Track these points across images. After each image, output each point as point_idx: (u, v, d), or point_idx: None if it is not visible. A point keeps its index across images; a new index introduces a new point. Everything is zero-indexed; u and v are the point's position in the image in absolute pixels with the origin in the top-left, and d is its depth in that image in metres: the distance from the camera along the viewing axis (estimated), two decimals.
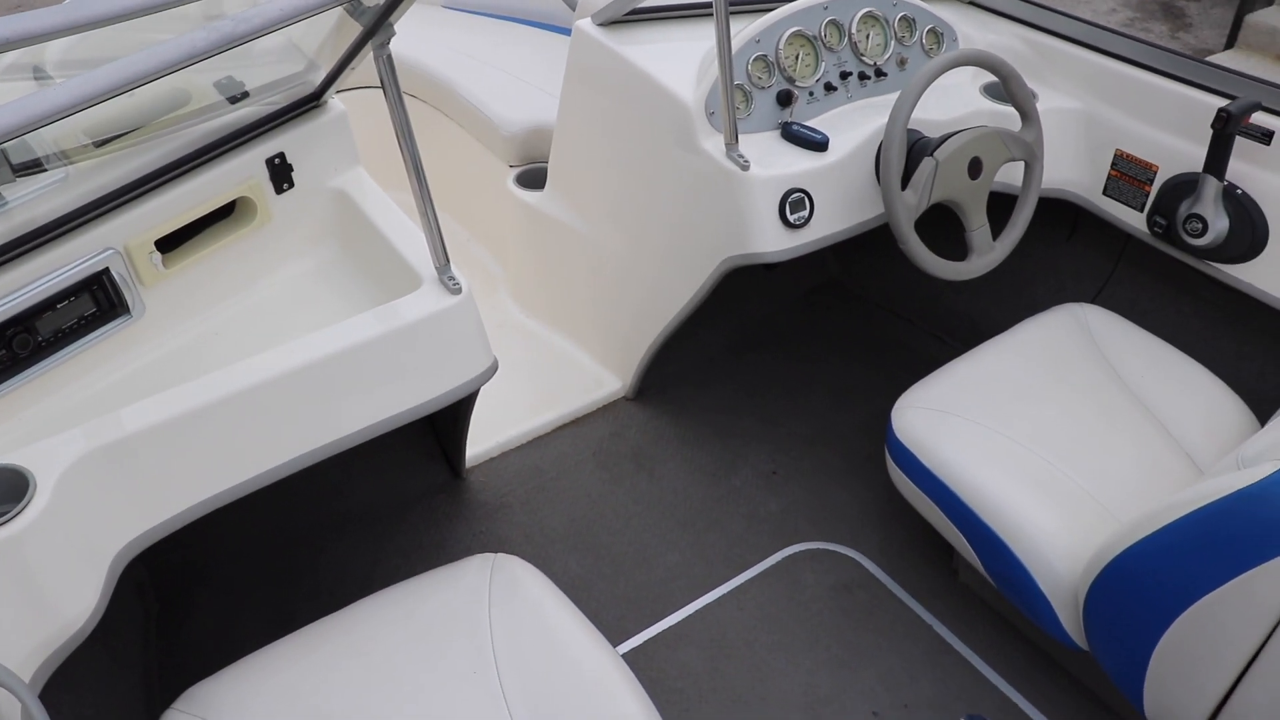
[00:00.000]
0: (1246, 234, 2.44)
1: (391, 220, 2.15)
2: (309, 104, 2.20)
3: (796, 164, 2.33)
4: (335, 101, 2.24)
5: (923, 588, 2.47)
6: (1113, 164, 2.66)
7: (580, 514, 2.62)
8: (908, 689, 2.26)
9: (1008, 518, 2.09)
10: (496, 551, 1.92)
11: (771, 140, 2.41)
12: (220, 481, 1.80)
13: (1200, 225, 2.47)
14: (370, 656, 1.72)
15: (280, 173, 2.16)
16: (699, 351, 3.11)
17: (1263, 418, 2.42)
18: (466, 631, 1.76)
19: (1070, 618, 2.05)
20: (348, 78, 2.14)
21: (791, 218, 2.30)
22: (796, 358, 3.15)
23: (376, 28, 1.73)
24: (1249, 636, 1.70)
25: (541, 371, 3.02)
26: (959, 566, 2.48)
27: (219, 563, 2.48)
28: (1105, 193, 2.70)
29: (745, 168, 2.26)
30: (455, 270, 1.99)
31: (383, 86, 1.80)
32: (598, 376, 2.99)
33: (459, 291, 1.96)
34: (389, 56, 1.78)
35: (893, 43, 2.58)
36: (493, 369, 2.06)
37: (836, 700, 2.23)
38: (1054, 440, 2.20)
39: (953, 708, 2.23)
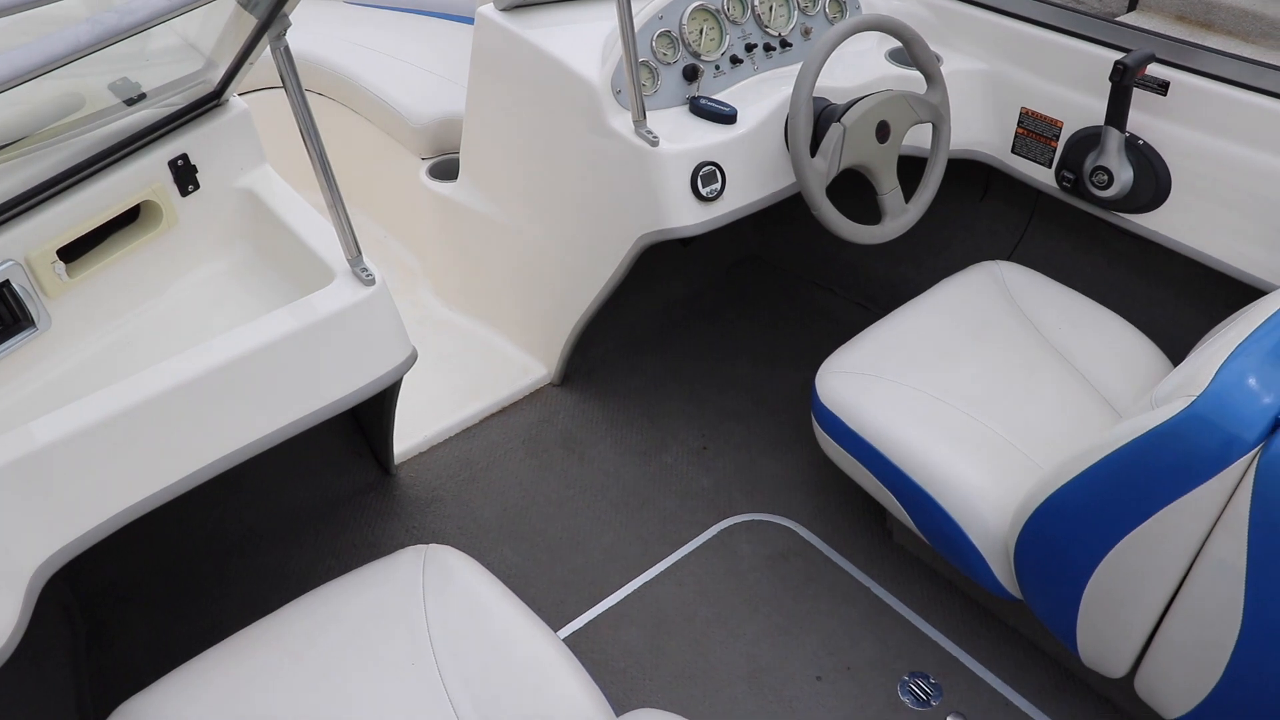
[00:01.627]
0: (1150, 183, 2.48)
1: (301, 217, 2.11)
2: (210, 103, 2.16)
3: (706, 138, 2.33)
4: (237, 100, 2.20)
5: (858, 551, 2.49)
6: (1019, 122, 2.69)
7: (513, 503, 2.60)
8: (849, 651, 2.28)
9: (935, 474, 2.11)
10: (445, 545, 1.91)
11: (680, 116, 2.40)
12: (139, 490, 1.76)
13: (1106, 177, 2.51)
14: (305, 657, 1.70)
15: (184, 175, 2.12)
16: (624, 333, 3.11)
17: (1176, 360, 2.47)
18: (402, 624, 1.74)
19: (1002, 568, 2.08)
20: (248, 75, 2.10)
21: (704, 191, 2.30)
22: (721, 333, 3.16)
23: (271, 19, 1.70)
24: (1170, 571, 1.74)
25: (467, 363, 3.00)
26: (893, 527, 2.51)
27: (149, 578, 2.43)
28: (1014, 151, 2.74)
29: (654, 144, 2.26)
30: (368, 262, 1.96)
31: (282, 81, 1.77)
32: (523, 364, 2.98)
33: (372, 283, 1.93)
34: (286, 49, 1.74)
35: (796, 13, 2.59)
36: (412, 359, 2.04)
37: (779, 668, 2.24)
38: (976, 395, 2.23)
39: (894, 666, 2.26)
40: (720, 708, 2.17)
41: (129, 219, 2.11)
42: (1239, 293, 2.59)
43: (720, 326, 3.19)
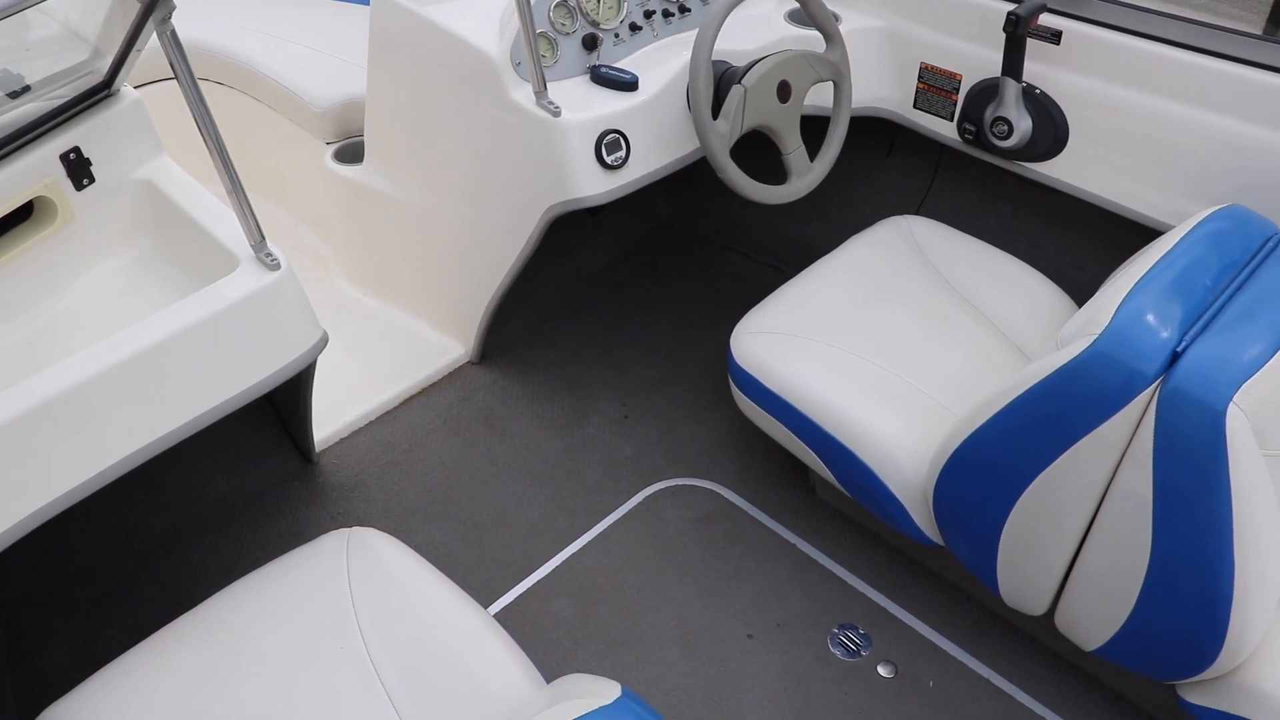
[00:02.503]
0: (1049, 131, 2.52)
1: (202, 206, 2.07)
2: (100, 94, 2.11)
3: (608, 106, 2.32)
4: (129, 90, 2.15)
5: (783, 509, 2.51)
6: (919, 77, 2.72)
7: (437, 483, 2.59)
8: (778, 608, 2.30)
9: (852, 428, 2.13)
10: (368, 527, 1.89)
11: (581, 85, 2.39)
12: (48, 491, 1.72)
13: (1006, 127, 2.55)
14: (232, 648, 1.68)
15: (78, 168, 2.07)
16: (540, 308, 3.10)
17: (1083, 303, 2.52)
18: (328, 609, 1.73)
19: (922, 516, 2.11)
20: (151, 66, 2.04)
21: (609, 159, 2.30)
22: (637, 303, 3.16)
23: (154, 2, 1.66)
24: (1083, 506, 1.78)
25: (384, 347, 2.97)
26: (815, 483, 2.53)
27: (71, 584, 2.38)
28: (916, 106, 2.77)
29: (557, 114, 2.25)
30: (272, 246, 1.93)
31: (172, 67, 1.73)
32: (440, 344, 2.96)
33: (277, 267, 1.91)
34: (173, 34, 1.70)
35: None
36: (322, 342, 2.02)
37: (710, 629, 2.26)
38: (889, 348, 2.26)
39: (823, 619, 2.28)
40: (653, 672, 2.19)
41: (22, 216, 2.06)
42: (1139, 234, 2.64)
43: (636, 295, 3.20)
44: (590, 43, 2.41)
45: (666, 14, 2.54)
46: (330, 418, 2.74)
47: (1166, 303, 1.64)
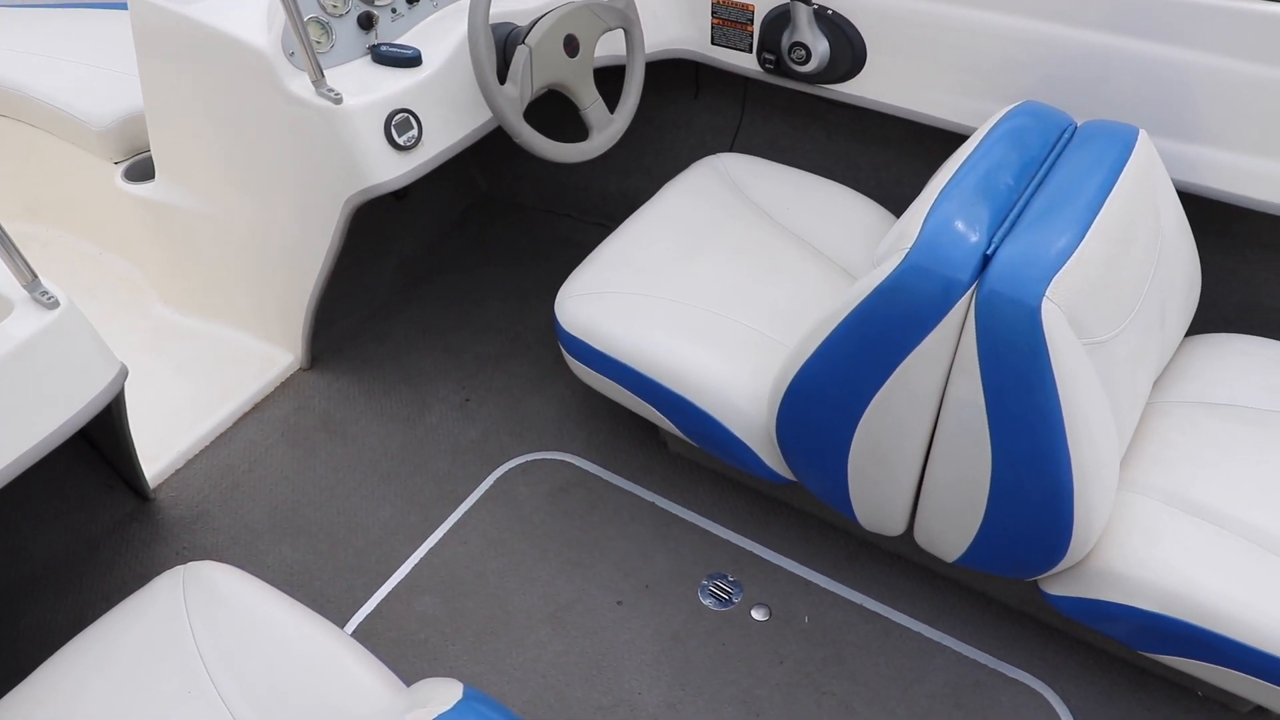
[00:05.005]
0: (847, 51, 2.51)
1: None
2: None
3: (393, 85, 2.22)
4: None
5: (636, 468, 2.48)
6: (713, 12, 2.68)
7: (282, 499, 2.49)
8: (645, 569, 2.27)
9: (686, 377, 2.10)
10: (205, 560, 1.79)
11: (363, 67, 2.29)
12: None
13: (804, 52, 2.53)
14: (73, 712, 1.57)
15: None
16: (365, 301, 3.00)
17: None
18: (169, 653, 1.63)
19: (770, 455, 2.10)
20: None
21: (400, 140, 2.21)
22: (466, 282, 3.08)
23: None
24: (921, 421, 1.78)
25: (209, 366, 2.84)
26: (665, 439, 2.50)
27: None
28: (714, 42, 2.73)
29: (338, 101, 2.15)
30: (48, 284, 1.81)
31: None
32: (268, 355, 2.84)
33: (56, 305, 1.78)
34: None
35: None
36: (121, 376, 1.90)
37: (579, 601, 2.22)
38: (715, 291, 2.23)
39: (691, 573, 2.26)
40: (528, 654, 2.14)
41: None
42: (950, 140, 2.66)
43: (463, 274, 3.11)
44: (366, 21, 2.30)
45: None
46: (162, 449, 2.60)
47: (972, 207, 1.64)
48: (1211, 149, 2.23)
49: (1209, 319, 2.54)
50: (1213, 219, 2.44)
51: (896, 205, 2.81)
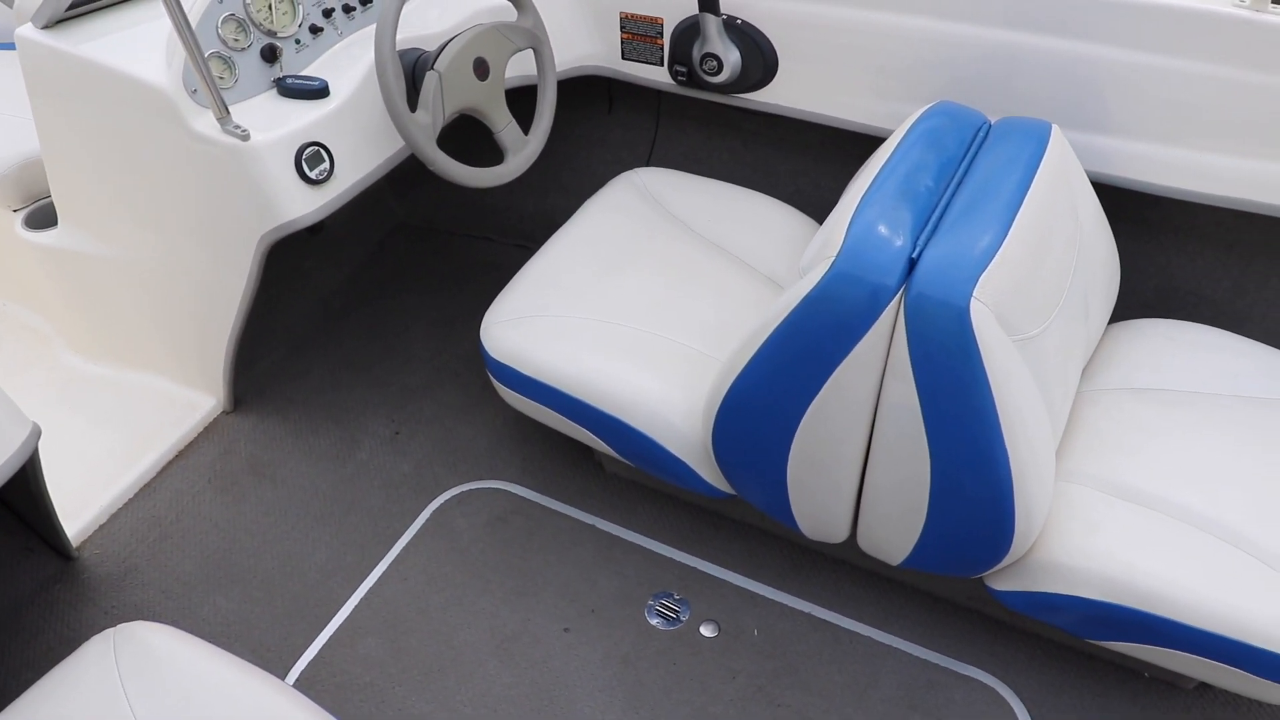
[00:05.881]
0: (758, 60, 2.51)
1: None
2: None
3: (302, 118, 2.18)
4: None
5: (574, 492, 2.45)
6: (623, 27, 2.66)
7: (214, 548, 2.42)
8: (589, 594, 2.24)
9: (619, 398, 2.08)
10: (136, 621, 1.72)
11: (269, 101, 2.24)
12: None
13: (715, 63, 2.52)
14: None
15: None
16: (288, 340, 2.93)
17: None
18: None
19: (709, 470, 2.08)
20: None
21: (312, 174, 2.16)
22: (389, 312, 3.03)
23: None
24: (858, 428, 1.77)
25: (127, 415, 2.75)
26: (601, 460, 2.48)
27: None
28: (625, 57, 2.71)
29: (245, 138, 2.09)
30: None
31: None
32: (189, 400, 2.76)
33: None
34: None
35: None
36: (34, 436, 1.83)
37: (525, 631, 2.18)
38: (642, 308, 2.21)
39: (637, 594, 2.23)
40: (477, 689, 2.10)
41: None
42: (866, 144, 2.67)
43: (385, 305, 3.06)
44: (270, 54, 2.25)
45: (348, 9, 2.40)
46: (83, 505, 2.51)
47: (894, 211, 1.64)
48: (1121, 140, 2.27)
49: (1129, 305, 2.58)
50: (1126, 208, 2.48)
51: (817, 211, 2.82)
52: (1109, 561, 1.78)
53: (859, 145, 2.72)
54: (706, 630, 2.17)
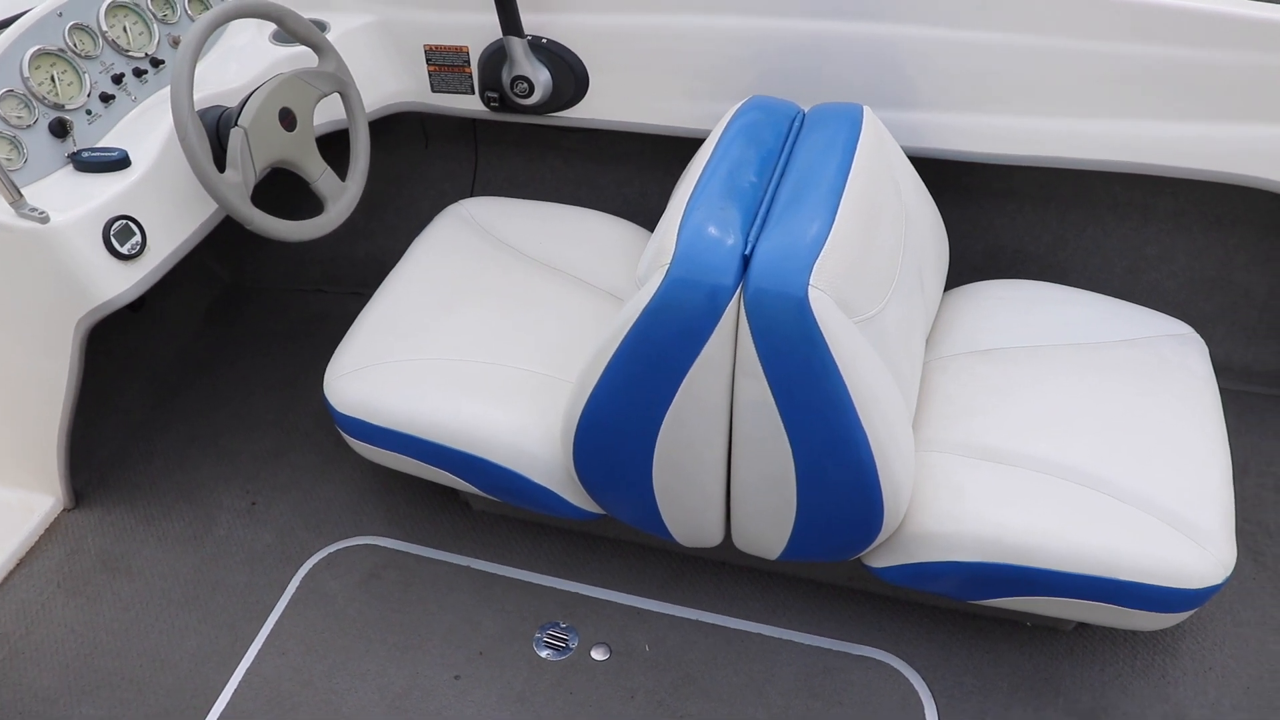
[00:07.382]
0: (569, 77, 2.50)
1: None
2: None
3: (104, 192, 2.07)
4: None
5: (444, 536, 2.40)
6: (428, 59, 2.63)
7: (72, 655, 2.28)
8: (474, 637, 2.19)
9: (474, 435, 2.04)
10: None
11: (67, 177, 2.13)
12: None
13: (526, 85, 2.51)
14: None
15: None
16: (123, 423, 2.79)
17: None
18: None
19: (575, 494, 2.06)
20: None
21: (124, 249, 2.06)
22: (228, 379, 2.92)
23: None
24: (716, 431, 1.77)
25: None
26: (467, 499, 2.43)
27: None
28: (435, 90, 2.68)
29: (45, 220, 1.98)
30: None
31: None
32: (24, 502, 2.61)
33: None
34: None
35: (156, 25, 2.36)
36: None
37: (415, 685, 2.12)
38: (484, 341, 2.18)
39: (523, 629, 2.20)
40: None
41: None
42: (686, 146, 2.69)
43: (223, 373, 2.94)
44: (59, 128, 2.14)
45: (139, 73, 2.30)
46: None
47: (722, 211, 1.64)
48: (931, 113, 2.33)
49: (961, 271, 2.65)
50: (945, 177, 2.55)
51: (646, 219, 2.83)
52: (978, 523, 1.82)
53: (680, 149, 2.73)
54: (598, 654, 2.14)
